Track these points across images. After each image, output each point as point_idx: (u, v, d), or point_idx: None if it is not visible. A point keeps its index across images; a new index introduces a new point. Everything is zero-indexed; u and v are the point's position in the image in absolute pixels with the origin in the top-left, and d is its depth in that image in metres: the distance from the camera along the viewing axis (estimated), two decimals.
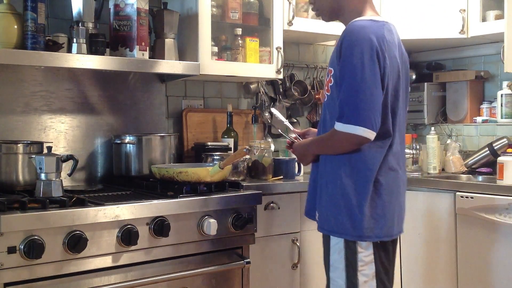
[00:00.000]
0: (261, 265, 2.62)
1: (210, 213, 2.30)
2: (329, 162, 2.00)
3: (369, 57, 1.85)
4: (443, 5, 3.27)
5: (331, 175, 1.98)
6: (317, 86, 3.54)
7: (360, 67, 1.84)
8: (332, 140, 1.95)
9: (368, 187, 1.92)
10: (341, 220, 1.93)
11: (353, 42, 1.87)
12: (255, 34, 3.05)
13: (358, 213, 1.90)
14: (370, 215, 1.91)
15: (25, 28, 2.30)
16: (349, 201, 1.92)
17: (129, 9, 2.55)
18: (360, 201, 1.91)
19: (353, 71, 1.85)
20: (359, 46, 1.85)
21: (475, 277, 2.76)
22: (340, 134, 1.89)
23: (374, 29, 1.90)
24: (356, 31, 1.89)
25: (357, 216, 1.91)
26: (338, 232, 1.95)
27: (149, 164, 2.64)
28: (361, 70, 1.84)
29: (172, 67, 2.64)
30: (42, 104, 2.64)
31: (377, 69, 1.86)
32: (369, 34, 1.87)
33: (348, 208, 1.92)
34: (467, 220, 2.77)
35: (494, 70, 3.50)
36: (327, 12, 2.11)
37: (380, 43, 1.87)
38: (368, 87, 1.84)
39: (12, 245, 1.87)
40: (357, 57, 1.85)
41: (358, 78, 1.85)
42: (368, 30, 1.88)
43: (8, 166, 2.33)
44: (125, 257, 2.10)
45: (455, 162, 3.32)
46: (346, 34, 1.91)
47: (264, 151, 2.95)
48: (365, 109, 1.84)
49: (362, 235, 1.92)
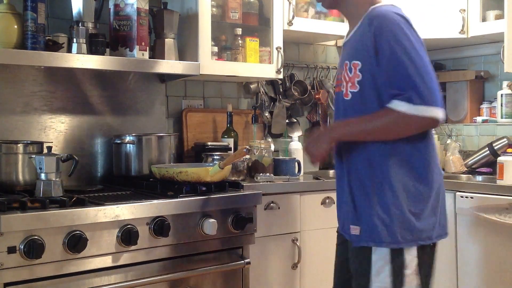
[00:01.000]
0: (261, 265, 2.62)
1: (210, 213, 2.30)
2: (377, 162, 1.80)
3: (416, 39, 1.74)
4: (443, 5, 3.27)
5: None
6: (317, 86, 3.54)
7: (413, 47, 1.72)
8: (389, 122, 1.73)
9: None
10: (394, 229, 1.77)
11: (394, 24, 1.74)
12: (255, 34, 3.05)
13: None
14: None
15: (25, 28, 2.30)
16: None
17: (129, 9, 2.55)
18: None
19: (407, 51, 1.71)
20: (402, 29, 1.73)
21: (475, 277, 2.76)
22: (408, 117, 1.69)
23: (396, 10, 1.80)
24: (382, 14, 1.77)
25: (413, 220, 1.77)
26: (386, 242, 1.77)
27: (149, 164, 2.64)
28: (415, 51, 1.71)
29: (172, 67, 2.64)
30: (42, 104, 2.64)
31: (421, 41, 1.75)
32: (396, 14, 1.77)
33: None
34: (467, 220, 2.77)
35: (494, 70, 3.50)
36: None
37: (407, 19, 1.78)
38: (429, 65, 1.72)
39: (12, 245, 1.87)
40: (407, 38, 1.72)
41: (417, 58, 1.71)
42: (393, 10, 1.78)
43: (8, 166, 2.33)
44: (125, 257, 2.10)
45: (455, 162, 3.32)
46: (374, 19, 1.77)
47: (264, 151, 2.95)
48: (434, 88, 1.70)
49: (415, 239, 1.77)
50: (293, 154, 3.13)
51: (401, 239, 1.77)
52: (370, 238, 1.80)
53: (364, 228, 1.82)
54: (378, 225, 1.78)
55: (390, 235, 1.77)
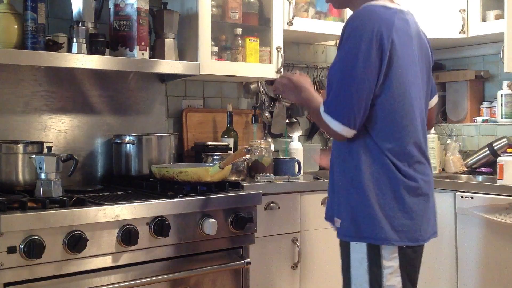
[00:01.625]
0: (261, 265, 2.62)
1: (210, 213, 2.30)
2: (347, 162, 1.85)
3: (367, 47, 1.70)
4: (443, 5, 3.27)
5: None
6: (317, 86, 3.53)
7: (352, 57, 1.71)
8: (317, 116, 1.83)
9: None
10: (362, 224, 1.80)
11: (354, 27, 1.73)
12: (255, 34, 3.05)
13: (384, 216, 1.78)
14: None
15: (25, 28, 2.30)
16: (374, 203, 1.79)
17: (129, 9, 2.55)
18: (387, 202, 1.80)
19: (345, 59, 1.74)
20: (359, 32, 1.72)
21: (475, 277, 2.76)
22: (321, 119, 1.80)
23: (382, 15, 1.75)
24: (362, 16, 1.75)
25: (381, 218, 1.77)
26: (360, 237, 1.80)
27: (149, 164, 2.64)
28: (352, 61, 1.71)
29: (172, 67, 2.64)
30: (42, 104, 2.64)
31: (373, 60, 1.71)
32: (374, 21, 1.72)
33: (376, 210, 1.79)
34: (467, 220, 2.77)
35: (494, 70, 3.50)
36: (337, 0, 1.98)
37: (387, 31, 1.72)
38: (356, 81, 1.71)
39: (12, 245, 1.87)
40: (354, 45, 1.71)
41: (347, 69, 1.73)
42: (375, 16, 1.74)
43: (8, 166, 2.32)
44: (125, 257, 2.10)
45: (455, 162, 3.32)
46: (350, 18, 1.77)
47: (264, 151, 2.95)
48: (345, 105, 1.73)
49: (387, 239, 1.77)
50: (293, 154, 3.13)
51: (378, 236, 1.77)
52: (348, 232, 1.83)
53: (343, 222, 1.85)
54: (356, 220, 1.80)
55: (367, 230, 1.78)
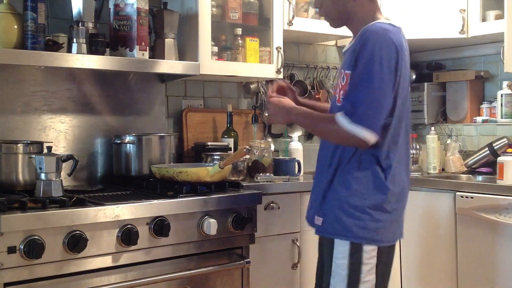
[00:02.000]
0: (261, 265, 2.62)
1: (210, 213, 2.30)
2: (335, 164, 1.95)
3: (388, 65, 1.83)
4: (443, 5, 3.27)
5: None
6: (317, 86, 3.54)
7: (379, 73, 1.82)
8: (329, 129, 1.90)
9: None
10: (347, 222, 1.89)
11: (375, 45, 1.83)
12: (255, 34, 3.05)
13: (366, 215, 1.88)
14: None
15: (25, 28, 2.30)
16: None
17: (129, 9, 2.55)
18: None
19: (372, 75, 1.83)
20: (381, 51, 1.83)
21: (475, 277, 2.76)
22: (341, 130, 1.84)
23: (395, 35, 1.88)
24: (380, 33, 1.85)
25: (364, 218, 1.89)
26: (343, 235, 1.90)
27: (149, 164, 2.64)
28: (379, 76, 1.82)
29: (172, 67, 2.64)
30: (42, 104, 2.64)
31: (392, 77, 1.85)
32: (391, 40, 1.85)
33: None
34: (467, 220, 2.77)
35: (494, 70, 3.50)
36: (335, 17, 2.03)
37: (400, 52, 1.86)
38: (382, 94, 1.83)
39: (12, 245, 1.87)
40: (379, 62, 1.82)
41: (376, 84, 1.82)
42: (390, 35, 1.86)
43: (8, 166, 2.33)
44: (125, 257, 2.10)
45: (455, 162, 3.32)
46: (369, 35, 1.86)
47: (264, 151, 2.95)
48: (375, 116, 1.83)
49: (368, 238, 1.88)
50: (293, 154, 3.13)
51: (361, 235, 1.87)
52: (332, 229, 1.92)
53: (327, 219, 1.93)
54: (340, 217, 1.89)
55: (351, 229, 1.87)
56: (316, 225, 1.98)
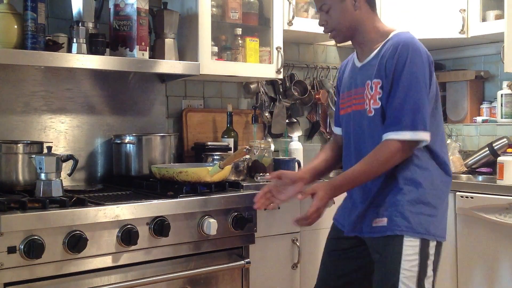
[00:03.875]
0: (261, 265, 2.62)
1: (210, 213, 2.30)
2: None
3: (428, 70, 1.91)
4: (443, 5, 3.28)
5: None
6: (317, 86, 3.54)
7: (422, 79, 1.89)
8: (394, 152, 1.88)
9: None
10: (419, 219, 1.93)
11: (413, 53, 1.89)
12: (255, 34, 3.05)
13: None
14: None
15: (25, 28, 2.30)
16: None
17: (129, 9, 2.55)
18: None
19: (416, 82, 1.88)
20: (419, 58, 1.90)
21: (475, 277, 2.76)
22: (400, 146, 1.87)
23: (416, 39, 1.95)
24: (412, 42, 1.92)
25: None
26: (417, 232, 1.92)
27: (149, 164, 2.64)
28: (423, 81, 1.89)
29: (172, 67, 2.64)
30: (42, 104, 2.64)
31: (428, 82, 1.91)
32: (423, 48, 1.92)
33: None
34: (467, 220, 2.77)
35: (494, 70, 3.50)
36: (344, 32, 2.01)
37: (429, 57, 1.94)
38: (425, 99, 1.89)
39: (12, 245, 1.87)
40: (420, 70, 1.89)
41: (420, 88, 1.88)
42: (420, 44, 1.93)
43: (8, 166, 2.33)
44: (125, 257, 2.10)
45: (455, 162, 3.32)
46: (399, 45, 1.90)
47: (264, 151, 2.95)
48: (424, 117, 1.88)
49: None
50: (293, 154, 3.13)
51: (432, 230, 1.92)
52: (401, 227, 1.91)
53: (394, 217, 1.92)
54: (409, 214, 1.91)
55: (423, 225, 1.91)
56: (379, 227, 1.95)
